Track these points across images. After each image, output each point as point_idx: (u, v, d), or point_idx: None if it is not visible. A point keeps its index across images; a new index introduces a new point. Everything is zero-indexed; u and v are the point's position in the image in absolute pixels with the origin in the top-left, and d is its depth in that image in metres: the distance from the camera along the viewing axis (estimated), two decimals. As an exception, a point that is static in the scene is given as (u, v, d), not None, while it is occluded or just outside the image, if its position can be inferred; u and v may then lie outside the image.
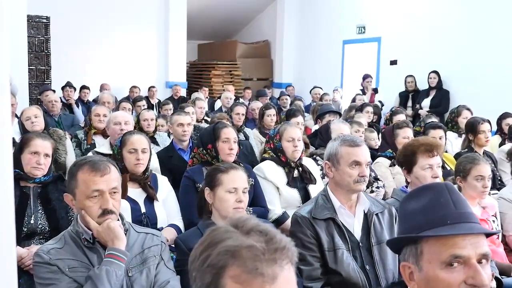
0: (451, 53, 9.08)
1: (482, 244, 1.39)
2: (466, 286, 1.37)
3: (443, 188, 1.47)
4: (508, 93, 7.93)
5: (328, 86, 10.87)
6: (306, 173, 3.88)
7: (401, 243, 1.50)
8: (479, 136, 5.14)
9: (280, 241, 1.12)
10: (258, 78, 13.86)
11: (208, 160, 3.65)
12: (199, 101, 7.47)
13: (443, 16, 9.29)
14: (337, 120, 4.82)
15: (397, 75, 9.96)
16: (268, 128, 6.50)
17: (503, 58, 8.17)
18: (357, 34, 11.36)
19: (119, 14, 11.48)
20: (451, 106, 8.65)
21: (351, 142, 2.70)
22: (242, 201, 2.53)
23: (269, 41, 14.16)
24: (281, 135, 3.89)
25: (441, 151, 3.12)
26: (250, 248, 1.09)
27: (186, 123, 4.89)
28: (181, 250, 2.47)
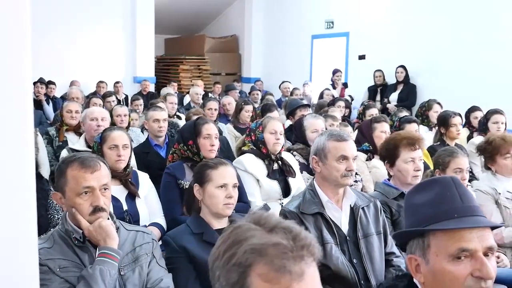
0: (418, 48, 9.24)
1: (488, 237, 1.42)
2: (472, 278, 1.39)
3: (449, 182, 1.49)
4: (473, 87, 8.13)
5: (297, 80, 10.92)
6: (286, 166, 3.90)
7: (407, 236, 1.52)
8: (451, 129, 5.27)
9: (306, 238, 1.11)
10: (226, 73, 13.81)
11: (189, 156, 3.63)
12: (170, 97, 7.39)
13: (410, 12, 9.45)
14: (309, 116, 4.84)
15: (366, 70, 10.09)
16: (243, 123, 6.51)
17: (468, 53, 8.37)
18: (326, 29, 11.44)
19: (85, 9, 11.23)
20: (418, 100, 8.83)
21: (338, 136, 2.71)
22: (232, 197, 2.52)
23: (237, 36, 14.12)
24: (264, 127, 3.91)
25: (422, 144, 3.18)
26: (277, 246, 1.08)
27: (162, 119, 4.84)
28: (171, 247, 2.44)
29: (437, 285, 1.44)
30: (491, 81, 7.95)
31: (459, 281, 1.40)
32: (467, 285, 1.39)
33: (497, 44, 7.95)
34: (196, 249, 2.41)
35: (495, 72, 7.93)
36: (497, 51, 7.95)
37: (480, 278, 1.39)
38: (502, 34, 7.89)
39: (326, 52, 11.56)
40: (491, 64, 7.99)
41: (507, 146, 3.52)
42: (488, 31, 8.09)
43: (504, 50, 7.85)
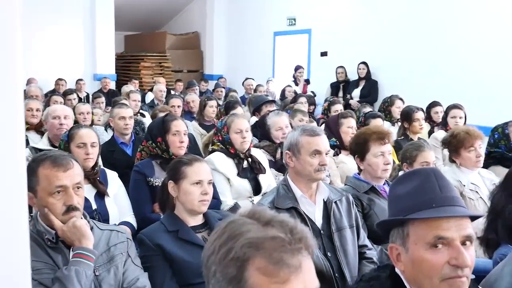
0: (379, 44, 9.39)
1: (466, 227, 1.45)
2: (449, 266, 1.42)
3: (429, 173, 1.52)
4: (433, 83, 8.32)
5: (260, 77, 10.93)
6: (255, 163, 3.89)
7: (389, 226, 1.54)
8: (414, 124, 5.39)
9: (302, 231, 1.12)
10: (188, 70, 13.72)
11: (158, 154, 3.58)
12: (134, 94, 7.29)
13: (371, 9, 9.59)
14: (272, 114, 4.84)
15: (328, 66, 10.20)
16: (208, 120, 6.47)
17: (428, 50, 8.56)
18: (288, 26, 11.50)
19: (42, 4, 10.92)
20: (380, 96, 8.99)
21: (311, 131, 2.73)
22: (208, 193, 2.50)
23: (198, 32, 14.03)
24: (229, 127, 3.88)
25: (391, 138, 3.23)
26: (275, 239, 1.08)
27: (128, 116, 4.77)
28: (146, 246, 2.40)
29: (415, 273, 1.47)
30: (450, 76, 8.16)
31: (436, 269, 1.43)
32: (444, 273, 1.42)
33: (455, 41, 8.16)
34: (172, 247, 2.39)
35: (454, 68, 8.14)
36: (455, 47, 8.16)
37: (456, 266, 1.42)
38: (460, 31, 8.10)
39: (289, 49, 11.62)
40: (450, 60, 8.20)
41: (471, 140, 3.61)
42: (447, 28, 8.29)
43: (462, 46, 8.06)
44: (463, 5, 8.11)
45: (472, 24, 7.95)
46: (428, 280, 1.44)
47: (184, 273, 2.36)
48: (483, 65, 7.71)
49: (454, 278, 1.42)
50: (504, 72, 7.48)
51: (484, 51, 7.74)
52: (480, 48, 7.81)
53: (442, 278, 1.42)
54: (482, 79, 7.73)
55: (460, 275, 1.42)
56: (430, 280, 1.43)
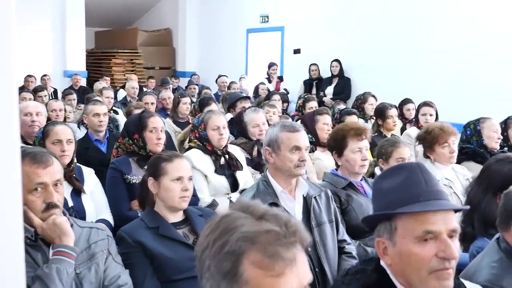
0: (352, 42, 9.49)
1: (452, 220, 1.48)
2: (437, 259, 1.45)
3: (415, 167, 1.55)
4: (405, 80, 8.45)
5: (233, 74, 10.90)
6: (232, 160, 3.89)
7: (375, 220, 1.56)
8: (388, 120, 5.48)
9: (296, 224, 1.12)
10: (160, 67, 13.60)
11: (135, 151, 3.55)
12: (107, 91, 7.20)
13: (344, 7, 9.67)
14: (249, 111, 4.84)
15: (301, 64, 10.25)
16: (182, 117, 6.43)
17: (400, 48, 8.68)
18: (261, 23, 11.51)
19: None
20: (353, 93, 9.09)
21: (291, 127, 2.74)
22: (188, 190, 2.49)
23: (171, 29, 13.93)
24: (206, 124, 3.86)
25: (369, 134, 3.27)
26: (270, 233, 1.09)
27: (102, 113, 4.70)
28: (126, 243, 2.38)
29: (403, 266, 1.49)
30: (422, 74, 8.30)
31: (424, 261, 1.45)
32: (432, 265, 1.45)
33: (426, 39, 8.31)
34: (153, 244, 2.37)
35: (426, 65, 8.29)
36: (427, 46, 8.30)
37: (444, 259, 1.45)
38: (431, 30, 8.25)
39: (262, 46, 11.63)
40: (422, 58, 8.34)
41: (445, 136, 3.68)
42: (418, 26, 8.43)
43: (433, 45, 8.21)
44: (435, 4, 8.25)
45: (443, 23, 8.10)
46: (416, 273, 1.46)
47: (165, 269, 2.35)
48: (455, 63, 7.87)
49: (442, 270, 1.45)
50: (474, 70, 7.65)
51: (454, 50, 7.89)
52: (451, 46, 7.96)
53: (430, 270, 1.45)
54: (453, 76, 7.89)
55: (447, 267, 1.45)
56: (418, 272, 1.46)
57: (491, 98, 7.24)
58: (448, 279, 1.46)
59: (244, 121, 4.46)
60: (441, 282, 1.45)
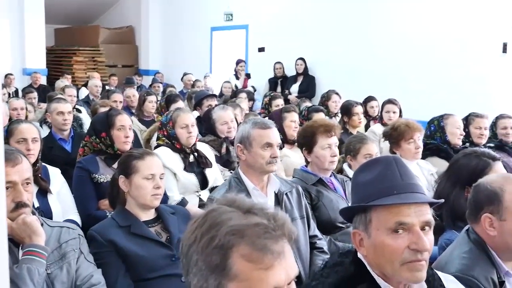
0: (316, 40, 9.57)
1: (425, 213, 1.51)
2: (409, 251, 1.48)
3: (391, 161, 1.57)
4: (369, 78, 8.58)
5: (197, 72, 10.85)
6: (202, 157, 3.88)
7: (352, 212, 1.59)
8: (353, 118, 5.56)
9: (283, 218, 1.13)
10: (123, 65, 13.42)
11: (102, 149, 3.49)
12: (69, 89, 7.07)
13: (308, 5, 9.75)
14: (218, 108, 4.84)
15: (266, 62, 10.28)
16: (148, 115, 6.38)
17: (365, 46, 8.82)
18: (225, 21, 11.48)
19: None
20: (317, 91, 9.19)
21: (262, 124, 2.75)
22: (160, 187, 2.47)
23: (133, 27, 13.75)
24: (175, 122, 3.84)
25: (338, 131, 3.30)
26: (258, 226, 1.09)
27: (66, 111, 4.60)
28: (97, 242, 2.33)
29: (377, 257, 1.52)
30: (385, 72, 8.45)
31: (397, 253, 1.48)
32: (405, 257, 1.48)
33: (389, 38, 8.47)
34: (125, 242, 2.34)
35: (388, 64, 8.44)
36: (390, 44, 8.46)
37: (416, 251, 1.48)
38: (393, 29, 8.41)
39: (226, 45, 11.61)
40: (385, 57, 8.49)
41: (411, 132, 3.76)
42: (382, 25, 8.58)
43: (396, 44, 8.38)
44: (397, 4, 8.41)
45: (404, 24, 8.28)
46: (389, 264, 1.49)
47: (138, 268, 2.32)
48: (417, 61, 8.07)
49: (414, 262, 1.48)
50: (436, 68, 7.85)
51: (416, 48, 8.09)
52: (413, 45, 8.15)
53: (403, 262, 1.48)
54: (415, 74, 8.07)
55: (419, 258, 1.48)
56: (391, 264, 1.49)
57: (453, 95, 7.44)
58: (421, 270, 1.49)
59: (212, 119, 4.45)
60: (413, 273, 1.48)
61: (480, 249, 1.92)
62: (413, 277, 1.49)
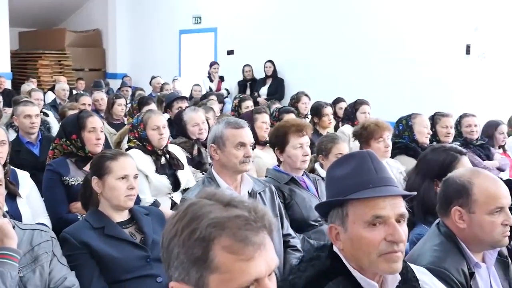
0: (285, 43, 9.63)
1: (400, 205, 1.55)
2: (386, 242, 1.52)
3: (365, 155, 1.61)
4: (337, 80, 8.70)
5: (166, 76, 10.77)
6: (173, 159, 3.87)
7: (328, 207, 1.61)
8: (323, 119, 5.63)
9: (263, 209, 1.15)
10: (90, 69, 13.24)
11: (73, 151, 3.44)
12: (36, 93, 6.94)
13: (276, 8, 9.82)
14: (189, 110, 4.83)
15: (235, 65, 10.30)
16: (117, 118, 6.32)
17: (331, 49, 8.94)
18: (194, 24, 11.47)
19: None
20: (286, 93, 9.26)
21: (235, 124, 2.77)
22: (134, 188, 2.46)
23: (100, 30, 13.59)
24: (146, 124, 3.82)
25: (310, 130, 3.34)
26: (239, 218, 1.10)
27: (34, 114, 4.53)
28: (70, 244, 2.30)
29: (354, 250, 1.55)
30: (352, 74, 8.58)
31: (374, 245, 1.51)
32: (381, 248, 1.51)
33: (357, 41, 8.60)
34: (99, 244, 2.32)
35: (356, 65, 8.57)
36: (357, 47, 8.60)
37: (392, 242, 1.51)
38: (361, 32, 8.54)
39: (195, 48, 11.59)
40: (353, 58, 8.63)
41: (380, 131, 3.83)
42: (349, 28, 8.71)
43: (363, 46, 8.52)
44: (364, 6, 8.55)
45: (371, 26, 8.42)
46: (366, 256, 1.52)
47: (112, 270, 2.30)
48: (383, 62, 8.22)
49: (391, 253, 1.51)
50: (401, 69, 8.02)
51: (382, 49, 8.24)
52: (378, 46, 8.29)
53: (380, 253, 1.51)
54: (382, 76, 8.22)
55: (395, 250, 1.52)
56: (369, 255, 1.52)
57: (418, 96, 7.61)
58: (397, 261, 1.53)
59: (183, 120, 4.44)
60: (390, 264, 1.52)
61: (450, 241, 1.97)
62: (390, 268, 1.53)
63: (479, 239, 1.94)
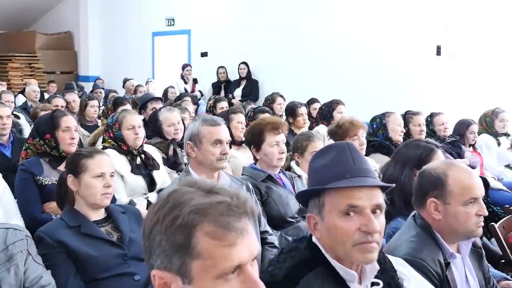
0: (258, 44, 9.67)
1: (377, 196, 1.57)
2: (360, 233, 1.53)
3: (345, 147, 1.63)
4: (309, 81, 8.78)
5: (139, 78, 10.69)
6: (149, 159, 3.84)
7: (307, 196, 1.63)
8: (298, 118, 5.67)
9: (245, 196, 1.15)
10: (61, 71, 13.05)
11: (47, 151, 3.39)
12: (6, 95, 6.83)
13: (250, 9, 9.85)
14: (164, 110, 4.82)
15: (209, 67, 10.29)
16: (90, 120, 6.26)
17: (305, 50, 9.01)
18: (167, 26, 11.42)
19: None
20: (261, 95, 9.29)
21: (212, 121, 2.77)
22: (111, 186, 2.43)
23: (71, 32, 13.42)
24: (121, 123, 3.78)
25: (285, 128, 3.36)
26: (222, 204, 1.10)
27: (5, 115, 4.47)
28: (45, 243, 2.27)
29: (330, 240, 1.56)
30: (326, 74, 8.66)
31: (348, 235, 1.53)
32: (355, 238, 1.53)
33: (329, 41, 8.70)
34: (75, 243, 2.29)
35: (329, 66, 8.67)
36: (329, 47, 8.69)
37: (366, 233, 1.53)
38: (332, 32, 8.64)
39: (168, 50, 11.53)
40: (326, 59, 8.72)
41: (355, 129, 3.87)
42: (321, 28, 8.80)
43: (335, 46, 8.61)
44: (334, 8, 8.65)
45: (343, 27, 8.54)
46: (341, 246, 1.54)
47: (89, 268, 2.28)
48: (357, 64, 8.33)
49: (365, 244, 1.53)
50: (374, 71, 8.12)
51: (356, 52, 8.36)
52: (352, 49, 8.41)
53: (354, 243, 1.53)
54: (354, 76, 8.33)
55: (370, 240, 1.53)
56: (343, 245, 1.53)
57: (390, 96, 7.71)
58: (371, 252, 1.54)
59: (159, 120, 4.42)
60: (364, 255, 1.54)
61: (426, 233, 2.00)
62: (364, 258, 1.54)
63: (454, 229, 1.98)
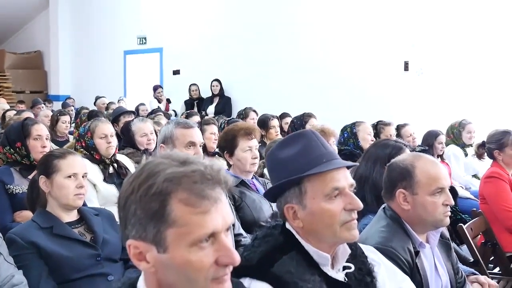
0: (230, 62, 9.80)
1: (349, 176, 1.63)
2: (345, 212, 1.58)
3: (311, 134, 1.67)
4: (281, 97, 8.90)
5: (111, 97, 10.62)
6: (122, 168, 3.83)
7: (282, 189, 1.63)
8: (270, 131, 5.73)
9: (218, 165, 1.18)
10: (31, 91, 12.91)
11: (17, 160, 3.36)
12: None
13: (221, 27, 9.96)
14: (137, 120, 4.81)
15: (181, 84, 10.33)
16: (61, 135, 6.21)
17: (276, 67, 9.17)
18: (139, 45, 11.43)
19: None
20: (234, 111, 9.35)
21: (185, 124, 2.79)
22: (83, 187, 2.42)
23: (41, 51, 13.33)
24: (93, 132, 3.77)
25: (258, 134, 3.40)
26: (196, 172, 1.12)
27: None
28: (17, 244, 2.24)
29: (316, 225, 1.59)
30: (297, 89, 8.82)
31: (336, 216, 1.57)
32: (342, 218, 1.58)
33: (298, 57, 8.87)
34: (47, 244, 2.27)
35: (300, 81, 8.82)
36: (298, 63, 8.87)
37: (351, 210, 1.59)
38: (301, 48, 8.82)
39: (140, 68, 11.53)
40: (297, 74, 8.88)
41: (326, 137, 3.92)
42: (290, 45, 8.98)
43: (304, 62, 8.77)
44: (309, 24, 8.83)
45: (312, 44, 8.74)
46: (329, 228, 1.57)
47: (62, 269, 2.25)
48: (326, 79, 8.51)
49: (350, 221, 1.59)
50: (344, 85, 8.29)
51: (325, 67, 8.55)
52: (322, 65, 8.60)
53: (341, 223, 1.57)
54: (324, 90, 8.51)
55: (353, 217, 1.59)
56: (331, 227, 1.57)
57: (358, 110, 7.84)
58: (355, 228, 1.61)
59: (131, 131, 4.41)
60: (351, 232, 1.59)
61: (396, 223, 2.06)
62: (351, 236, 1.60)
63: (423, 219, 2.04)
